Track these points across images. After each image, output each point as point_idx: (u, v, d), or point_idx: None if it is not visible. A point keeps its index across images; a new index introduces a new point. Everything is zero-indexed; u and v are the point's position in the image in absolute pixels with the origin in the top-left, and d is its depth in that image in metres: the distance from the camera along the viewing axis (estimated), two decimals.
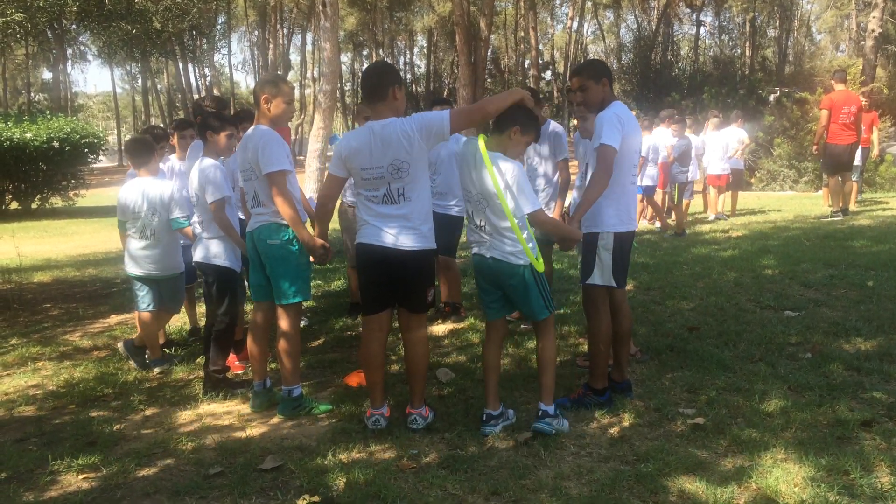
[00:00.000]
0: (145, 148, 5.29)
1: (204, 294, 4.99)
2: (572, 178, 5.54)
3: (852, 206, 12.23)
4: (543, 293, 3.85)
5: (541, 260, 3.80)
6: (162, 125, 49.69)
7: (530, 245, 3.73)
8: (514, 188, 3.65)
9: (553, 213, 5.61)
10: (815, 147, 12.13)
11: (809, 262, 7.59)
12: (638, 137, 4.15)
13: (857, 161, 12.36)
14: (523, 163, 5.83)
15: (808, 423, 3.79)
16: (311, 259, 4.22)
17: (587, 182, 4.11)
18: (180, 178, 5.61)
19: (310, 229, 4.27)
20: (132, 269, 5.32)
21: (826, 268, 7.32)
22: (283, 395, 4.28)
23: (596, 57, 52.99)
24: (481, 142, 3.71)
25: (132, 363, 5.37)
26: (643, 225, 11.75)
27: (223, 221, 4.64)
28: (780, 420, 3.84)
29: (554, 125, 5.68)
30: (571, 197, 5.46)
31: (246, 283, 5.09)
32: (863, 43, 26.65)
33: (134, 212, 5.22)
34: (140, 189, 5.20)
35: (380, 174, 3.77)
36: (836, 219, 10.94)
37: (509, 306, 4.01)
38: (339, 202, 6.03)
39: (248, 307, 5.57)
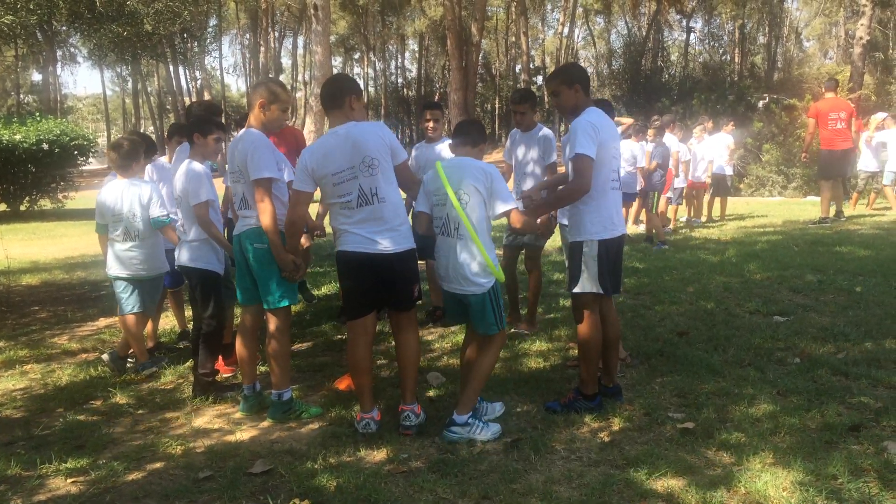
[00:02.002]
0: (132, 151, 5.22)
1: (189, 297, 4.97)
2: None
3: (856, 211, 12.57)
4: (496, 312, 3.91)
5: (500, 270, 3.89)
6: (152, 129, 49.63)
7: (491, 256, 3.84)
8: (492, 192, 3.84)
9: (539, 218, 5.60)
10: (804, 154, 12.30)
11: (798, 268, 7.64)
12: (616, 143, 4.13)
13: (869, 166, 12.58)
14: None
15: (797, 427, 3.81)
16: (282, 274, 4.15)
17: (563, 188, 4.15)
18: (165, 179, 5.59)
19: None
20: (117, 271, 5.26)
21: (814, 273, 7.37)
22: (272, 398, 4.27)
23: (586, 62, 53.18)
24: (440, 170, 3.93)
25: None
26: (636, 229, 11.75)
27: (207, 224, 4.63)
28: (768, 424, 3.86)
29: (544, 130, 5.69)
30: None
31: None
32: (851, 50, 26.86)
33: (114, 213, 5.18)
34: (119, 190, 5.17)
35: (351, 175, 3.79)
36: (824, 224, 11.07)
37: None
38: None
39: (238, 310, 5.57)
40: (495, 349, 3.99)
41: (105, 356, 5.42)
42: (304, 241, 5.23)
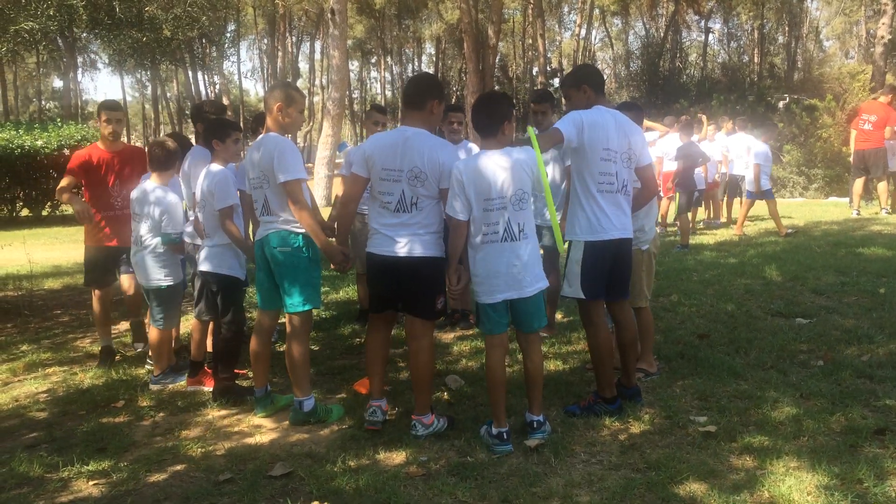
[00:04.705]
0: (170, 156, 5.08)
1: (206, 303, 4.92)
2: None
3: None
4: (543, 303, 3.94)
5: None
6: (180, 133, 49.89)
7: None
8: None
9: (560, 219, 5.55)
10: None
11: (820, 269, 7.55)
12: (610, 143, 4.00)
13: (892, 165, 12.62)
14: None
15: (821, 430, 3.76)
16: (332, 266, 4.17)
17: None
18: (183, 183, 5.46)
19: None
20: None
21: (837, 275, 7.28)
22: (294, 406, 4.26)
23: (604, 64, 52.98)
24: (532, 136, 3.82)
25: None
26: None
27: (230, 229, 4.62)
28: (791, 428, 3.82)
29: None
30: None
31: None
32: (872, 49, 26.53)
33: (133, 214, 5.08)
34: (141, 192, 5.04)
35: (398, 177, 3.80)
36: (857, 216, 12.01)
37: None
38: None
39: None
40: (540, 344, 4.03)
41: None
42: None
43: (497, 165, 3.69)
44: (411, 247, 3.82)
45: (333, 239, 4.23)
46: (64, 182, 5.54)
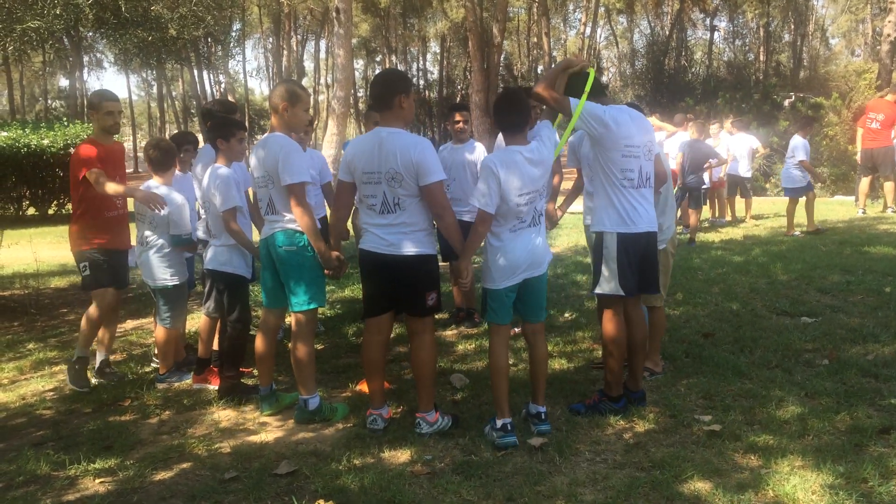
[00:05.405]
0: (166, 155, 5.12)
1: (214, 301, 4.94)
2: (567, 183, 5.54)
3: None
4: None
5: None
6: (177, 132, 50.00)
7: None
8: None
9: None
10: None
11: (825, 268, 7.53)
12: (632, 139, 4.00)
13: None
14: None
15: (826, 430, 3.76)
16: (325, 272, 4.22)
17: None
18: (184, 183, 5.41)
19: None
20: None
21: (842, 273, 7.26)
22: (300, 404, 4.27)
23: (609, 62, 52.94)
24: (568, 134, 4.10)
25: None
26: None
27: (234, 230, 4.62)
28: (796, 427, 3.82)
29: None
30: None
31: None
32: (878, 47, 26.43)
33: (138, 214, 5.11)
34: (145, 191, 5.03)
35: (378, 179, 3.82)
36: (863, 215, 12.06)
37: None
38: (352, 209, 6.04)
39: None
40: (544, 334, 4.07)
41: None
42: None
43: (531, 162, 3.81)
44: (401, 245, 3.85)
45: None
46: (105, 179, 4.90)
